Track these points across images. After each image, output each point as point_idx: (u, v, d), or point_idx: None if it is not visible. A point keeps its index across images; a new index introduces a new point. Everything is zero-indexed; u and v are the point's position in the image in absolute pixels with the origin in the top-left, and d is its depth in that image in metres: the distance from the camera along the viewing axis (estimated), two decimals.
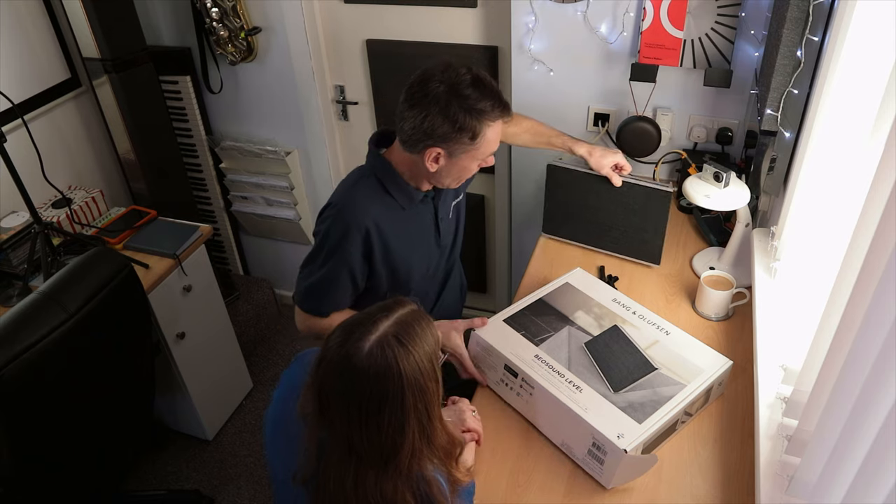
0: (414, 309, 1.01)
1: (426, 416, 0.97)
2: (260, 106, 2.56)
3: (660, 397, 1.29)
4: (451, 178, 1.43)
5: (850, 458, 0.84)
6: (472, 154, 1.36)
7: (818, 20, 1.31)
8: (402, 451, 0.96)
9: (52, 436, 1.61)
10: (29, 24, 2.17)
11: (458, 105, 1.28)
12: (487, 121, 1.32)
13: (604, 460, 1.23)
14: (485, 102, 1.30)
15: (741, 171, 1.87)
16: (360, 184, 1.45)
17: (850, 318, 0.90)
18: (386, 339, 0.95)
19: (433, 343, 0.99)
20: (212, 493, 2.31)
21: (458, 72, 1.30)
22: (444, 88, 1.29)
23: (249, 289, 2.93)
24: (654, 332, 1.45)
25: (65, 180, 2.35)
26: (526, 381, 1.35)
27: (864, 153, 1.18)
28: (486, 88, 1.31)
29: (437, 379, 0.99)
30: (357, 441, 0.96)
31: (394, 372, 0.93)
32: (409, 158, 1.40)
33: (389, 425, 0.94)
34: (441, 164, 1.36)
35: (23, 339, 1.44)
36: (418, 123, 1.30)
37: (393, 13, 2.26)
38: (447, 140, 1.32)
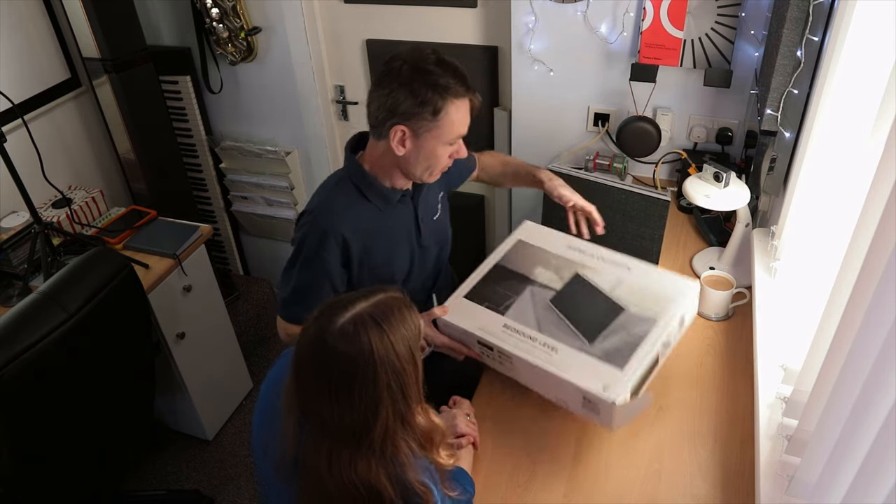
0: (396, 295, 1.01)
1: (401, 397, 0.96)
2: (260, 106, 2.56)
3: (635, 338, 1.26)
4: (422, 167, 1.39)
5: (850, 458, 0.84)
6: (435, 134, 1.33)
7: (818, 20, 1.31)
8: (375, 430, 0.96)
9: (52, 436, 1.61)
10: (29, 24, 2.17)
11: (420, 80, 1.28)
12: (450, 97, 1.30)
13: (599, 410, 1.21)
14: (447, 79, 1.30)
15: (741, 171, 1.87)
16: (336, 189, 1.44)
17: (850, 318, 0.90)
18: (360, 317, 0.95)
19: (413, 329, 0.99)
20: (212, 493, 2.30)
21: (422, 52, 1.32)
22: (408, 66, 1.29)
23: (249, 289, 2.93)
24: (615, 271, 1.41)
25: (65, 180, 2.35)
26: (501, 352, 1.32)
27: (864, 153, 1.18)
28: (450, 67, 1.31)
29: (414, 362, 0.98)
30: (329, 418, 0.96)
31: (365, 349, 0.93)
32: (380, 151, 1.39)
33: (361, 402, 0.94)
34: (407, 146, 1.34)
35: (23, 339, 1.44)
36: (383, 101, 1.30)
37: (393, 13, 2.26)
38: (410, 116, 1.30)
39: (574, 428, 1.40)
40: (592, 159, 2.08)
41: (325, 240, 1.39)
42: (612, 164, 2.06)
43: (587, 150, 2.15)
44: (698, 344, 1.57)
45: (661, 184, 2.09)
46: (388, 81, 1.30)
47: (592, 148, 2.15)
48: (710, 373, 1.50)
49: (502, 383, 1.51)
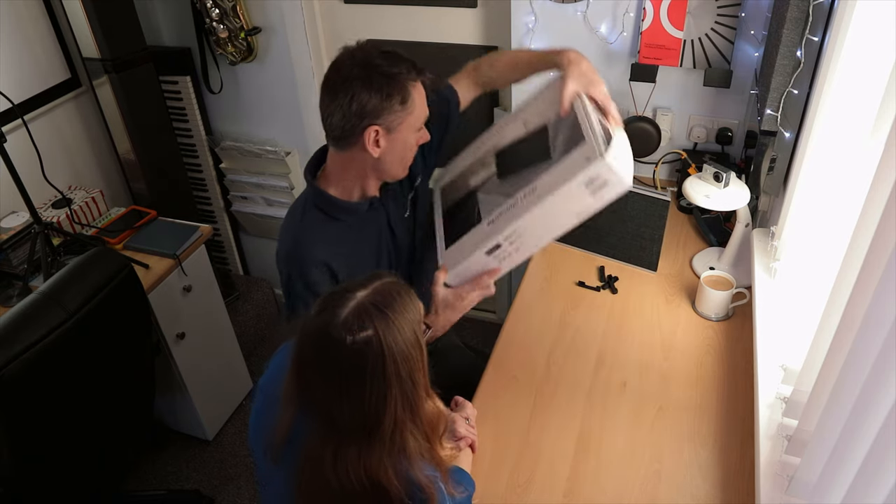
0: (392, 280, 0.99)
1: (410, 385, 0.94)
2: (260, 106, 2.56)
3: (575, 126, 1.24)
4: (397, 162, 1.37)
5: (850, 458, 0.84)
6: (407, 122, 1.32)
7: (818, 20, 1.31)
8: (385, 422, 0.93)
9: (52, 436, 1.61)
10: (29, 24, 2.17)
11: (377, 75, 1.27)
12: (409, 81, 1.29)
13: (606, 182, 1.16)
14: (399, 66, 1.28)
15: (741, 171, 1.87)
16: (302, 221, 1.40)
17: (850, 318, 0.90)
18: (364, 307, 0.92)
19: (415, 312, 0.97)
20: (212, 493, 2.31)
21: (363, 49, 1.30)
22: (359, 67, 1.27)
23: (249, 289, 2.93)
24: (515, 119, 1.43)
25: (65, 180, 2.35)
26: (508, 238, 1.27)
27: (864, 153, 1.19)
28: (396, 55, 1.30)
29: (420, 347, 0.96)
30: (338, 414, 0.94)
31: (373, 340, 0.90)
32: (346, 161, 1.36)
33: (371, 395, 0.92)
34: (382, 145, 1.32)
35: (23, 339, 1.44)
36: (346, 108, 1.27)
37: (393, 13, 2.26)
38: (380, 113, 1.28)
39: (574, 428, 1.40)
40: None
41: (309, 272, 1.36)
42: None
43: None
44: (698, 344, 1.58)
45: (661, 184, 2.09)
46: (345, 88, 1.27)
47: None
48: (710, 373, 1.50)
49: (502, 383, 1.52)
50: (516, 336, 1.64)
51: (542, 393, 1.48)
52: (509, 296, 2.71)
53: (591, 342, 1.60)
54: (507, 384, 1.51)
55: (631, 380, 1.50)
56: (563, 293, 1.75)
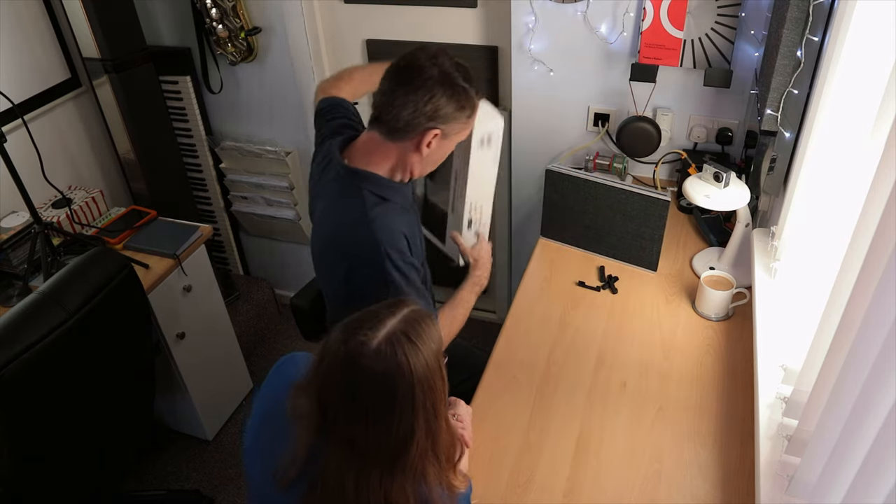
0: (418, 308, 0.99)
1: (433, 415, 0.94)
2: (260, 106, 2.56)
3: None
4: (431, 164, 1.42)
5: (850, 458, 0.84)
6: (460, 133, 1.39)
7: (818, 20, 1.31)
8: (411, 451, 0.93)
9: (52, 436, 1.61)
10: (29, 24, 2.17)
11: (455, 84, 1.32)
12: (476, 100, 1.37)
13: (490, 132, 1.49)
14: (469, 82, 1.34)
15: (741, 171, 1.87)
16: (370, 211, 1.37)
17: (850, 318, 0.90)
18: (395, 336, 0.91)
19: (438, 341, 0.97)
20: (212, 493, 2.31)
21: (444, 57, 1.33)
22: (439, 71, 1.31)
23: (249, 289, 2.93)
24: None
25: (65, 180, 2.35)
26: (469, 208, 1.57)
27: (864, 153, 1.18)
28: (467, 71, 1.35)
29: (443, 377, 0.97)
30: (362, 442, 0.92)
31: (404, 370, 0.90)
32: (388, 150, 1.38)
33: (400, 424, 0.91)
34: (433, 147, 1.36)
35: (23, 339, 1.44)
36: (421, 106, 1.30)
37: (393, 13, 2.26)
38: (448, 120, 1.33)
39: (574, 428, 1.40)
40: (592, 159, 2.08)
41: (400, 247, 1.36)
42: (612, 164, 2.06)
43: (587, 150, 2.15)
44: (698, 344, 1.58)
45: (661, 184, 2.09)
46: (426, 87, 1.30)
47: (592, 148, 2.15)
48: (710, 373, 1.50)
49: (502, 383, 1.52)
50: (516, 336, 1.64)
51: (542, 393, 1.48)
52: (509, 296, 2.71)
53: (591, 342, 1.60)
54: (507, 384, 1.51)
55: (631, 380, 1.50)
56: (563, 293, 1.75)
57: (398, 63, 1.34)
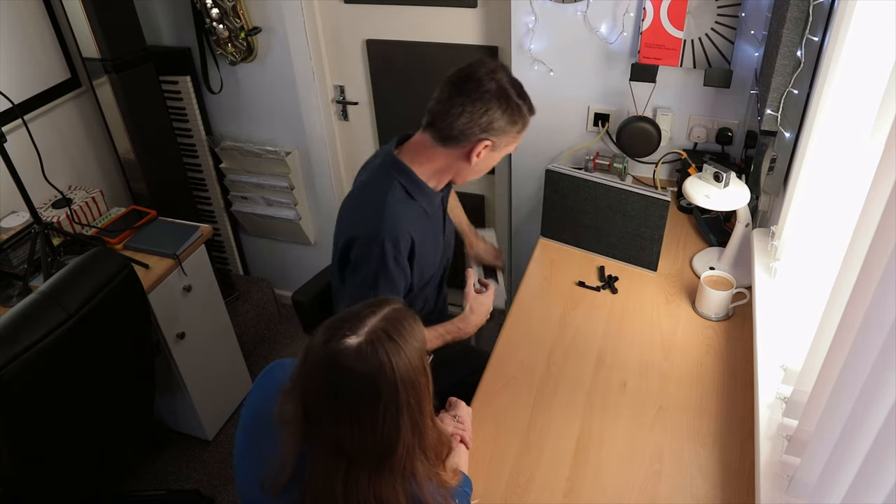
0: (400, 306, 0.98)
1: (418, 412, 0.94)
2: (260, 106, 2.56)
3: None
4: (478, 172, 1.48)
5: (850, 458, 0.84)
6: (509, 146, 1.45)
7: (818, 20, 1.31)
8: (398, 450, 0.93)
9: (52, 436, 1.61)
10: (29, 24, 2.17)
11: (510, 99, 1.37)
12: (527, 116, 1.42)
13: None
14: (523, 99, 1.40)
15: (741, 171, 1.87)
16: (390, 198, 1.43)
17: (850, 318, 0.90)
18: (376, 334, 0.90)
19: (421, 339, 0.96)
20: (212, 493, 2.31)
21: (501, 72, 1.39)
22: (496, 85, 1.36)
23: (249, 289, 2.93)
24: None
25: (65, 180, 2.35)
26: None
27: (864, 153, 1.18)
28: (521, 87, 1.41)
29: (427, 374, 0.96)
30: (348, 443, 0.92)
31: (386, 369, 0.89)
32: (437, 155, 1.43)
33: (384, 423, 0.90)
34: (482, 157, 1.42)
35: (23, 339, 1.44)
36: (477, 117, 1.36)
37: (393, 13, 2.26)
38: (500, 132, 1.39)
39: (574, 428, 1.40)
40: (592, 159, 2.08)
41: (398, 244, 1.40)
42: (612, 164, 2.06)
43: (587, 150, 2.15)
44: (698, 344, 1.58)
45: (661, 184, 2.09)
46: (483, 99, 1.35)
47: (592, 148, 2.15)
48: (710, 373, 1.50)
49: (502, 383, 1.52)
50: (516, 336, 1.64)
51: (542, 393, 1.48)
52: (509, 296, 2.71)
53: (591, 342, 1.60)
54: (507, 384, 1.51)
55: (631, 380, 1.50)
56: (563, 293, 1.75)
57: (457, 73, 1.39)
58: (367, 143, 2.60)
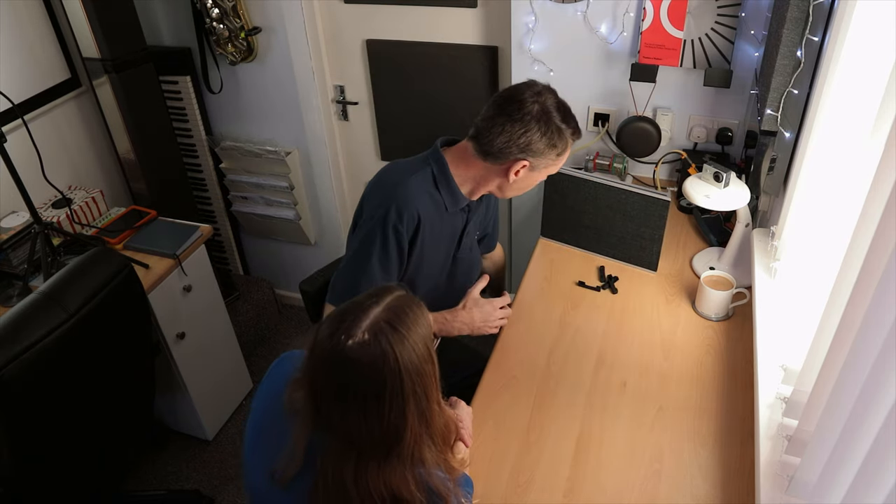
0: (403, 294, 0.98)
1: (424, 400, 0.95)
2: (260, 106, 2.56)
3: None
4: (517, 190, 1.51)
5: (850, 458, 0.84)
6: (549, 168, 1.48)
7: (818, 20, 1.31)
8: (405, 438, 0.93)
9: (52, 436, 1.61)
10: (29, 24, 2.17)
11: (552, 123, 1.40)
12: (569, 140, 1.45)
13: None
14: (568, 123, 1.43)
15: (741, 171, 1.87)
16: (417, 173, 1.48)
17: (850, 318, 0.90)
18: (378, 325, 0.91)
19: (426, 326, 0.97)
20: (212, 493, 2.31)
21: (548, 95, 1.42)
22: (539, 108, 1.39)
23: (249, 289, 2.93)
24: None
25: (65, 180, 2.35)
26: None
27: (864, 153, 1.18)
28: (567, 111, 1.44)
29: (433, 361, 0.97)
30: (356, 433, 0.93)
31: (390, 359, 0.90)
32: (477, 166, 1.47)
33: (390, 413, 0.91)
34: (521, 175, 1.45)
35: (23, 339, 1.44)
36: (516, 138, 1.39)
37: (393, 13, 2.26)
38: (539, 154, 1.42)
39: (574, 428, 1.40)
40: (592, 159, 2.08)
41: (402, 215, 1.44)
42: (612, 164, 2.06)
43: (587, 150, 2.15)
44: (698, 344, 1.58)
45: (661, 184, 2.09)
46: (522, 120, 1.39)
47: (592, 148, 2.15)
48: (710, 373, 1.50)
49: (502, 383, 1.52)
50: (516, 336, 1.64)
51: (542, 393, 1.48)
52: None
53: (591, 342, 1.60)
54: (507, 384, 1.51)
55: (631, 380, 1.50)
56: (563, 293, 1.75)
57: (504, 92, 1.44)
58: (367, 143, 2.61)
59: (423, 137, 1.46)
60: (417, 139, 1.54)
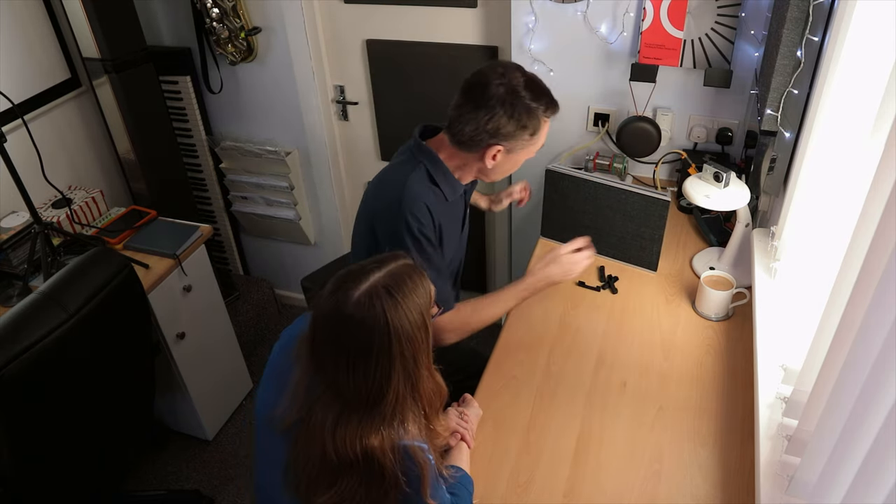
0: (408, 262, 1.05)
1: (412, 363, 1.01)
2: (260, 106, 2.56)
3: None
4: (502, 172, 1.49)
5: (850, 458, 0.84)
6: (528, 150, 1.44)
7: (818, 20, 1.31)
8: (388, 396, 0.99)
9: (52, 436, 1.61)
10: (29, 24, 2.17)
11: (519, 104, 1.36)
12: (543, 118, 1.40)
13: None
14: (540, 101, 1.38)
15: (741, 171, 1.87)
16: (411, 176, 1.46)
17: (850, 318, 0.90)
18: (375, 289, 0.98)
19: (425, 296, 1.02)
20: (212, 493, 2.30)
21: (512, 74, 1.37)
22: (504, 90, 1.35)
23: (249, 289, 2.93)
24: None
25: (65, 180, 2.35)
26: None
27: (864, 153, 1.18)
28: (540, 88, 1.39)
29: (426, 328, 1.02)
30: (344, 385, 0.99)
31: (381, 321, 0.96)
32: (456, 155, 1.46)
33: (376, 371, 0.98)
34: (498, 160, 1.42)
35: (23, 339, 1.44)
36: (482, 125, 1.36)
37: (393, 13, 2.26)
38: (511, 138, 1.39)
39: (574, 428, 1.40)
40: (592, 159, 2.08)
41: (418, 217, 1.42)
42: (612, 164, 2.06)
43: (587, 150, 2.15)
44: (698, 344, 1.58)
45: (661, 184, 2.09)
46: (490, 105, 1.35)
47: (592, 148, 2.15)
48: (710, 373, 1.50)
49: (502, 383, 1.52)
50: (516, 336, 1.64)
51: (542, 393, 1.48)
52: None
53: (591, 342, 1.60)
54: (507, 384, 1.51)
55: (631, 380, 1.50)
56: (563, 293, 1.75)
57: (469, 78, 1.40)
58: (368, 143, 2.61)
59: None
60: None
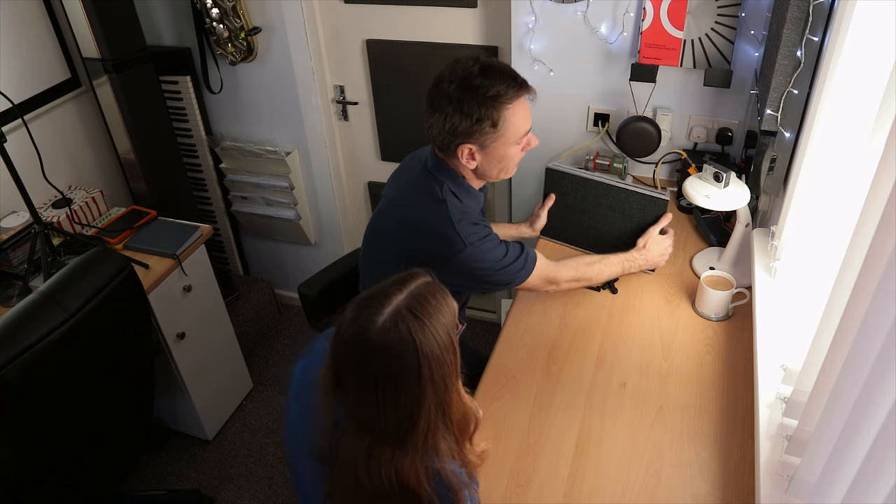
0: (428, 281, 0.98)
1: (443, 388, 0.94)
2: (260, 106, 2.56)
3: None
4: (497, 169, 1.43)
5: (850, 458, 0.84)
6: (502, 140, 1.36)
7: (818, 20, 1.31)
8: (419, 426, 0.93)
9: (53, 436, 1.61)
10: (29, 24, 2.17)
11: (470, 98, 1.29)
12: (504, 104, 1.32)
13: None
14: (496, 87, 1.30)
15: (741, 171, 1.87)
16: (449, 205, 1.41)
17: (850, 318, 0.90)
18: (399, 312, 0.91)
19: (450, 314, 0.96)
20: (212, 493, 2.31)
21: (465, 65, 1.31)
22: (455, 85, 1.30)
23: (249, 289, 2.93)
24: None
25: (65, 180, 2.35)
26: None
27: (864, 153, 1.18)
28: (496, 73, 1.31)
29: (454, 350, 0.96)
30: (373, 417, 0.93)
31: (409, 346, 0.90)
32: (451, 161, 1.43)
33: (406, 400, 0.91)
34: (478, 159, 1.38)
35: (23, 339, 1.44)
36: (441, 126, 1.32)
37: (393, 13, 2.26)
38: (472, 134, 1.33)
39: (574, 428, 1.40)
40: (592, 159, 2.08)
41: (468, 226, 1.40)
42: (612, 164, 2.06)
43: (587, 150, 2.15)
44: (698, 344, 1.58)
45: (661, 184, 2.09)
46: (441, 105, 1.31)
47: (592, 148, 2.15)
48: (710, 373, 1.50)
49: (502, 383, 1.52)
50: (516, 336, 1.64)
51: (542, 393, 1.48)
52: (509, 296, 2.71)
53: (591, 342, 1.60)
54: (507, 384, 1.51)
55: (631, 380, 1.50)
56: (563, 293, 1.75)
57: (432, 82, 1.35)
58: (367, 143, 2.61)
59: (422, 138, 1.45)
60: (417, 139, 1.53)
